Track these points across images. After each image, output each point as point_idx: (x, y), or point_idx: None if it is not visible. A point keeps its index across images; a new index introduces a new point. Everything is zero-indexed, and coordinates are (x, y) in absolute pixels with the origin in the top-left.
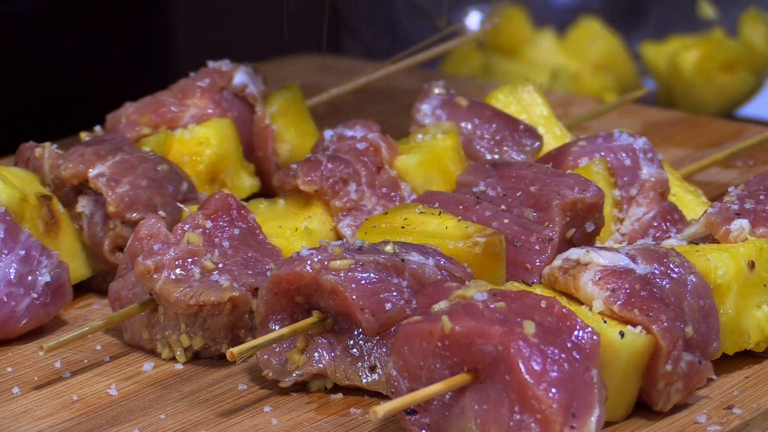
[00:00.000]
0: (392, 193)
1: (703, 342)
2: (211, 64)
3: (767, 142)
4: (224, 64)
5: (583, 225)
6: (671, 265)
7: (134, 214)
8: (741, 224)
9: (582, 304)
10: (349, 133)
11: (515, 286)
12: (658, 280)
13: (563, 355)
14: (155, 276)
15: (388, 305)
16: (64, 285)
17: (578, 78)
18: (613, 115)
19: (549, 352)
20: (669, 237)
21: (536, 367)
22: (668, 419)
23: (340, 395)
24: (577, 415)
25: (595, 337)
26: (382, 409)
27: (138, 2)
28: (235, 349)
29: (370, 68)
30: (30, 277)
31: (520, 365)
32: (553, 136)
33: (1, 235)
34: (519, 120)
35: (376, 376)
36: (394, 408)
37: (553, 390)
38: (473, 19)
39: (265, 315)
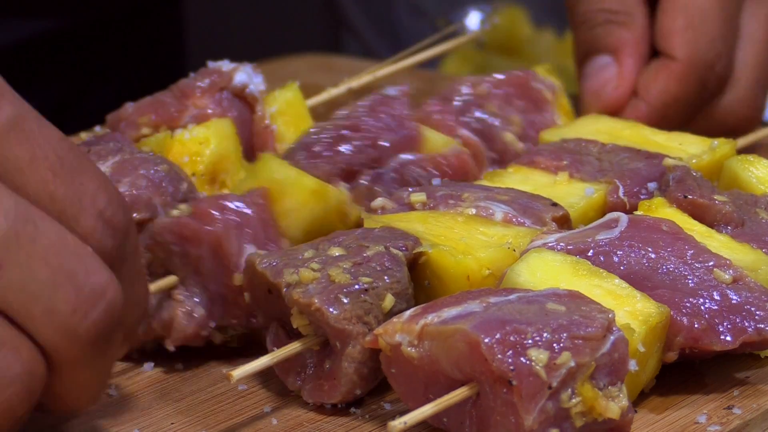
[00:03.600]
0: None
1: None
2: (210, 64)
3: (767, 142)
4: (224, 64)
5: None
6: None
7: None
8: None
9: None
10: None
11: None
12: None
13: None
14: None
15: None
16: None
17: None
18: None
19: None
20: None
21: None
22: (668, 419)
23: None
24: None
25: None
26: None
27: (138, 4)
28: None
29: (370, 68)
30: None
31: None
32: None
33: None
34: None
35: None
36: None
37: None
38: (473, 19)
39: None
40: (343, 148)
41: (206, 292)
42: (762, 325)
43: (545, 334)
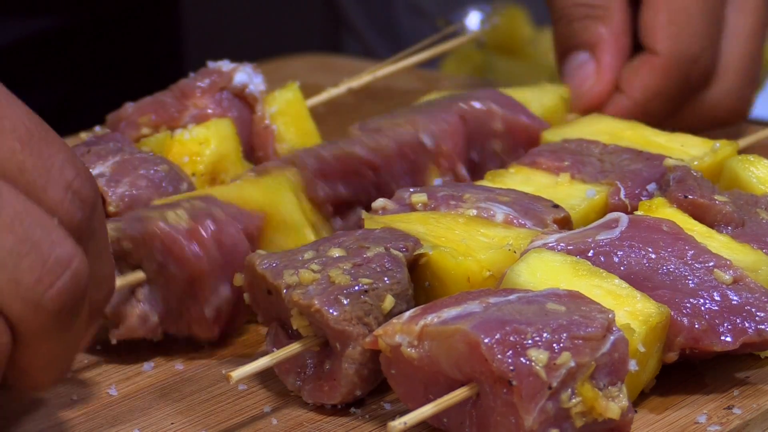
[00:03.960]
0: None
1: None
2: (210, 64)
3: (767, 142)
4: (224, 64)
5: None
6: None
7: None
8: None
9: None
10: None
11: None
12: None
13: None
14: None
15: None
16: None
17: None
18: None
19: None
20: None
21: None
22: (668, 419)
23: None
24: None
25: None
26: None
27: (138, 4)
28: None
29: (370, 68)
30: None
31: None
32: None
33: None
34: None
35: None
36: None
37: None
38: (473, 19)
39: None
40: (352, 181)
41: (166, 303)
42: (762, 326)
43: (545, 335)
